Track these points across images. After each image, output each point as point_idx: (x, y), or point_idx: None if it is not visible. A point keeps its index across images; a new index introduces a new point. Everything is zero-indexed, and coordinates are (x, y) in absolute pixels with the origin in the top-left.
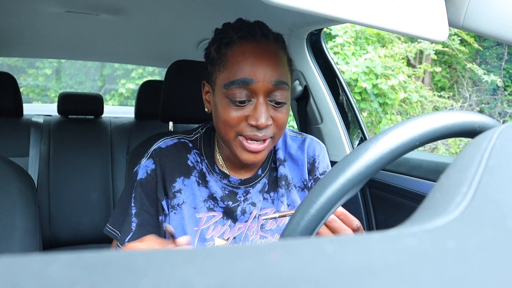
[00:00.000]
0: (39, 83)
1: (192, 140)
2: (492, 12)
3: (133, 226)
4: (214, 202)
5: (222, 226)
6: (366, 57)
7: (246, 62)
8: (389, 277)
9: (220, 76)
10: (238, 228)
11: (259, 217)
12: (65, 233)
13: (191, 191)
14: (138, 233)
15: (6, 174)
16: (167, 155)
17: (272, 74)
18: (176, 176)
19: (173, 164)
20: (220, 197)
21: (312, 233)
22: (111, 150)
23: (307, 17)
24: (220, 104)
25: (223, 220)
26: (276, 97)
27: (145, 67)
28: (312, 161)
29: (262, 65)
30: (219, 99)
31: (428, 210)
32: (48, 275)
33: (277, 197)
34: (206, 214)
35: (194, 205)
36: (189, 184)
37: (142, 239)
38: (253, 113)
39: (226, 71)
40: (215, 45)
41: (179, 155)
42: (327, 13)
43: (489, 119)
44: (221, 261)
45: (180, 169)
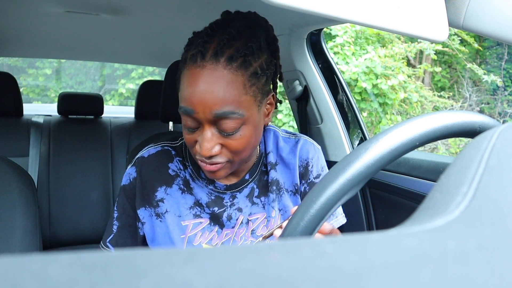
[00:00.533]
0: (39, 83)
1: (176, 146)
2: (492, 12)
3: (114, 228)
4: (200, 209)
5: (210, 232)
6: (366, 57)
7: (188, 90)
8: (389, 277)
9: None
10: (226, 234)
11: (249, 222)
12: (65, 233)
13: (174, 200)
14: (118, 234)
15: (6, 174)
16: (148, 165)
17: (213, 106)
18: (157, 185)
19: (154, 173)
20: (206, 203)
21: (312, 233)
22: (111, 150)
23: (307, 17)
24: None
25: (210, 226)
26: (223, 127)
27: (145, 67)
28: (305, 164)
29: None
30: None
31: (428, 210)
32: (48, 275)
33: (268, 202)
34: (192, 221)
35: (179, 213)
36: (171, 193)
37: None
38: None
39: (180, 93)
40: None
41: (160, 164)
42: (327, 13)
43: (489, 119)
44: (221, 261)
45: (161, 179)
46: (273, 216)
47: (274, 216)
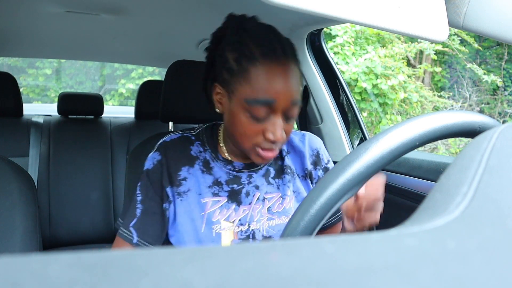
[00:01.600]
0: (39, 83)
1: (194, 134)
2: (492, 12)
3: (137, 212)
4: (219, 187)
5: (227, 209)
6: (366, 57)
7: (269, 83)
8: (389, 277)
9: (241, 90)
10: (243, 211)
11: (265, 200)
12: (65, 233)
13: (195, 179)
14: (142, 219)
15: (6, 174)
16: (172, 147)
17: (292, 94)
18: (181, 165)
19: (178, 155)
20: (225, 181)
21: (312, 233)
22: (111, 150)
23: (307, 17)
24: (238, 115)
25: (228, 204)
26: (291, 113)
27: (145, 67)
28: (316, 153)
29: (284, 86)
30: (237, 109)
31: (428, 210)
32: (48, 275)
33: (283, 183)
34: (211, 199)
35: (199, 192)
36: (193, 172)
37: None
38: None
39: (248, 87)
40: (234, 55)
41: (182, 146)
42: (327, 13)
43: (489, 119)
44: (221, 261)
45: (184, 159)
46: (288, 194)
47: (289, 195)
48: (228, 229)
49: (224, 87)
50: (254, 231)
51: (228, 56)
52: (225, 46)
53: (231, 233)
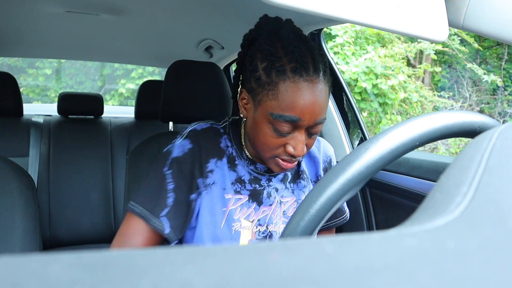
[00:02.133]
0: (39, 83)
1: (222, 127)
2: (492, 12)
3: (169, 202)
4: (241, 185)
5: (248, 208)
6: (366, 57)
7: (298, 102)
8: (389, 277)
9: (268, 102)
10: (263, 211)
11: (281, 203)
12: (65, 233)
13: (221, 173)
14: (174, 209)
15: (6, 174)
16: (203, 136)
17: (318, 114)
18: (210, 157)
19: (208, 145)
20: (248, 180)
21: (312, 233)
22: (111, 150)
23: (307, 17)
24: (261, 125)
25: (249, 203)
26: (315, 130)
27: (145, 67)
28: (329, 160)
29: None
30: (261, 120)
31: (428, 210)
32: (48, 275)
33: (298, 188)
34: (234, 196)
35: (224, 186)
36: (220, 166)
37: None
38: (293, 144)
39: (275, 101)
40: (264, 65)
41: (213, 137)
42: (327, 13)
43: (489, 119)
44: (221, 261)
45: (214, 151)
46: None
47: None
48: (248, 228)
49: (250, 94)
50: (271, 233)
51: (258, 65)
52: (256, 52)
53: (250, 233)
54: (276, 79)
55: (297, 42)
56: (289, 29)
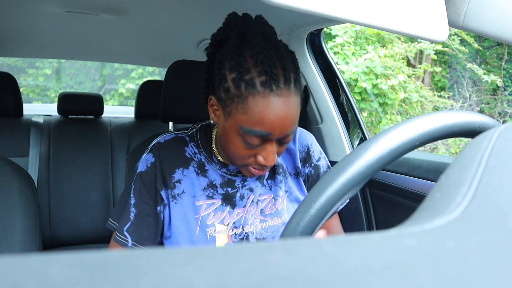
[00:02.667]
0: (39, 83)
1: (188, 134)
2: (492, 12)
3: (131, 216)
4: (214, 190)
5: (222, 212)
6: (366, 57)
7: (268, 117)
8: (389, 277)
9: (238, 115)
10: (237, 214)
11: (258, 202)
12: (65, 233)
13: (190, 181)
14: (136, 222)
15: (6, 174)
16: (166, 148)
17: (290, 127)
18: (175, 167)
19: (172, 156)
20: (220, 184)
21: (312, 233)
22: (111, 150)
23: (307, 17)
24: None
25: (222, 207)
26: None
27: (145, 67)
28: (306, 149)
29: (283, 122)
30: (231, 131)
31: (428, 210)
32: (48, 275)
33: (275, 183)
34: (205, 202)
35: (194, 194)
36: (188, 174)
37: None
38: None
39: (245, 115)
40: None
41: (177, 148)
42: (327, 13)
43: (489, 119)
44: (221, 261)
45: (179, 161)
46: (280, 195)
47: (281, 196)
48: (223, 232)
49: (220, 103)
50: (248, 234)
51: (227, 75)
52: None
53: (225, 236)
54: (246, 92)
55: (267, 49)
56: (258, 30)
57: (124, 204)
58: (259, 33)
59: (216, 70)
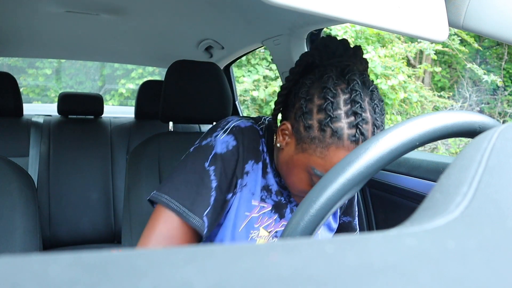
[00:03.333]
0: (39, 83)
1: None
2: (492, 12)
3: (211, 200)
4: (268, 194)
5: (269, 218)
6: (366, 57)
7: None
8: (389, 277)
9: (314, 157)
10: (282, 225)
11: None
12: (65, 233)
13: (255, 177)
14: (213, 209)
15: (6, 174)
16: (247, 135)
17: None
18: (250, 158)
19: (250, 145)
20: (275, 190)
21: (312, 233)
22: (111, 150)
23: (307, 17)
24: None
25: (271, 213)
26: None
27: (145, 67)
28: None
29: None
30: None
31: (428, 210)
32: (48, 275)
33: None
34: (260, 204)
35: (253, 191)
36: (256, 169)
37: None
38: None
39: (321, 160)
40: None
41: (254, 138)
42: (327, 13)
43: (489, 119)
44: (221, 261)
45: (254, 153)
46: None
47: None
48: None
49: (295, 135)
50: None
51: (314, 112)
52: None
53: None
54: (330, 140)
55: (363, 98)
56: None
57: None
58: (358, 73)
59: (302, 100)
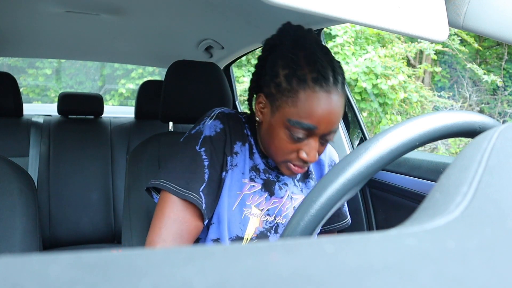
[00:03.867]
0: (39, 83)
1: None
2: (492, 12)
3: (206, 177)
4: (256, 173)
5: (260, 197)
6: (366, 57)
7: (316, 111)
8: (389, 277)
9: (287, 109)
10: (273, 202)
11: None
12: (65, 233)
13: (243, 157)
14: (208, 186)
15: (6, 174)
16: (231, 119)
17: (334, 124)
18: (237, 139)
19: (236, 127)
20: (263, 169)
21: (312, 233)
22: (111, 150)
23: (307, 17)
24: (277, 130)
25: (261, 191)
26: (328, 137)
27: (145, 67)
28: (333, 164)
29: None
30: (278, 125)
31: (428, 210)
32: (48, 275)
33: (307, 187)
34: (249, 183)
35: (243, 171)
36: (243, 150)
37: None
38: (306, 150)
39: (294, 108)
40: (286, 72)
41: (239, 122)
42: (327, 13)
43: (489, 119)
44: (221, 261)
45: (240, 135)
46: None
47: None
48: (257, 215)
49: (268, 99)
50: (278, 224)
51: (280, 71)
52: (278, 59)
53: (258, 220)
54: (297, 87)
55: (320, 53)
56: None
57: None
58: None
59: (268, 69)
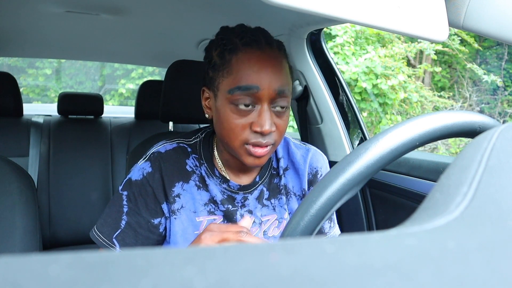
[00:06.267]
0: (39, 83)
1: (191, 144)
2: (492, 12)
3: (122, 224)
4: (215, 206)
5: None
6: (366, 57)
7: (252, 69)
8: (389, 277)
9: (224, 82)
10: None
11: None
12: (65, 233)
13: (190, 196)
14: (126, 231)
15: (6, 174)
16: (166, 160)
17: (277, 82)
18: (175, 181)
19: (172, 169)
20: (220, 200)
21: (312, 233)
22: (111, 150)
23: (307, 17)
24: (223, 110)
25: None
26: (279, 104)
27: (145, 67)
28: (314, 172)
29: (267, 73)
30: (222, 105)
31: (428, 210)
32: (48, 275)
33: (279, 204)
34: (206, 218)
35: (194, 209)
36: (188, 188)
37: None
38: (257, 119)
39: (230, 77)
40: (218, 51)
41: (177, 160)
42: (327, 13)
43: (489, 119)
44: (221, 261)
45: (179, 174)
46: (285, 217)
47: (286, 218)
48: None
49: (210, 87)
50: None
51: (213, 54)
52: (211, 49)
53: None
54: (229, 56)
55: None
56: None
57: (114, 210)
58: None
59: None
